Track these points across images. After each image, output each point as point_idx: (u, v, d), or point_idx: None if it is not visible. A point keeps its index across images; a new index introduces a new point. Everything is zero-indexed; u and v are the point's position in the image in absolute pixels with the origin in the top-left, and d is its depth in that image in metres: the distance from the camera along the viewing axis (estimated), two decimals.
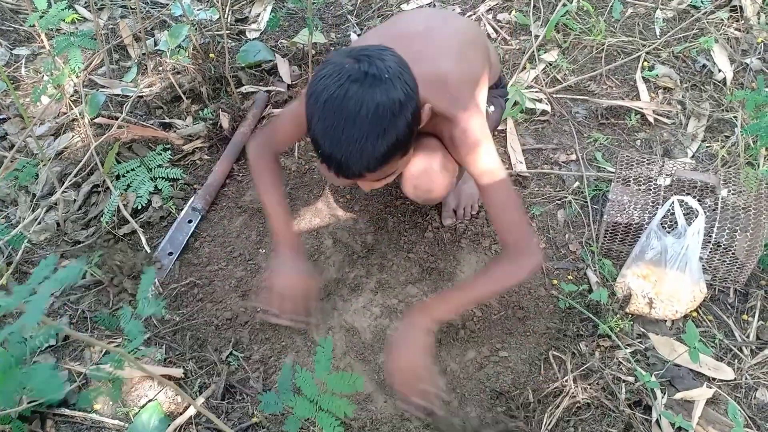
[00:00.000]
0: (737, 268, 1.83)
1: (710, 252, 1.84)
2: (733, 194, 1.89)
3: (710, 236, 1.83)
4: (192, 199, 2.08)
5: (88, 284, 1.88)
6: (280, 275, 1.65)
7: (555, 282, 1.91)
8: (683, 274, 1.76)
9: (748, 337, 1.80)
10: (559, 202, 2.10)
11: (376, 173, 1.35)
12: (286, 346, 1.78)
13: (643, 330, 1.80)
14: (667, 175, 1.96)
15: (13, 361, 0.83)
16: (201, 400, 1.65)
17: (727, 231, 1.82)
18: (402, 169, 1.51)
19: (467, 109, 1.49)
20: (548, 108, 2.36)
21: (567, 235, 2.02)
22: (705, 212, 1.79)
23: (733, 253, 1.82)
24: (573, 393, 1.66)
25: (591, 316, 1.79)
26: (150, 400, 1.67)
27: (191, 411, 1.64)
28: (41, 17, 1.71)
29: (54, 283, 0.78)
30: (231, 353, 1.76)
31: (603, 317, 1.79)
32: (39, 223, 2.01)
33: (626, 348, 1.73)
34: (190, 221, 2.03)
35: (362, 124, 1.25)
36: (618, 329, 1.78)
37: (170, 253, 1.96)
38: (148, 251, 1.94)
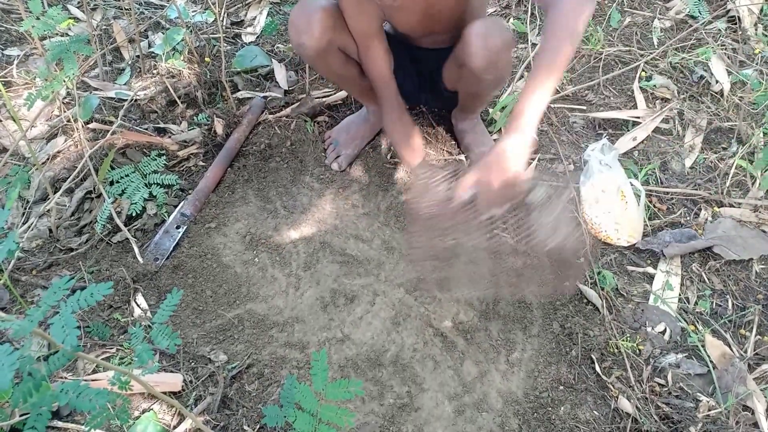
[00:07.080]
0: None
1: None
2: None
3: None
4: (181, 204, 2.05)
5: None
6: None
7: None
8: None
9: (745, 352, 1.81)
10: None
11: None
12: (284, 358, 1.76)
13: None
14: None
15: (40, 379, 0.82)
16: (198, 412, 1.62)
17: None
18: None
19: None
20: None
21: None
22: None
23: None
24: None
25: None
26: (145, 411, 1.65)
27: (188, 422, 1.62)
28: (37, 19, 1.67)
29: (74, 305, 0.77)
30: (227, 364, 1.74)
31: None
32: (31, 229, 1.97)
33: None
34: (178, 227, 2.01)
35: None
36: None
37: (156, 259, 1.93)
38: (141, 260, 1.91)
